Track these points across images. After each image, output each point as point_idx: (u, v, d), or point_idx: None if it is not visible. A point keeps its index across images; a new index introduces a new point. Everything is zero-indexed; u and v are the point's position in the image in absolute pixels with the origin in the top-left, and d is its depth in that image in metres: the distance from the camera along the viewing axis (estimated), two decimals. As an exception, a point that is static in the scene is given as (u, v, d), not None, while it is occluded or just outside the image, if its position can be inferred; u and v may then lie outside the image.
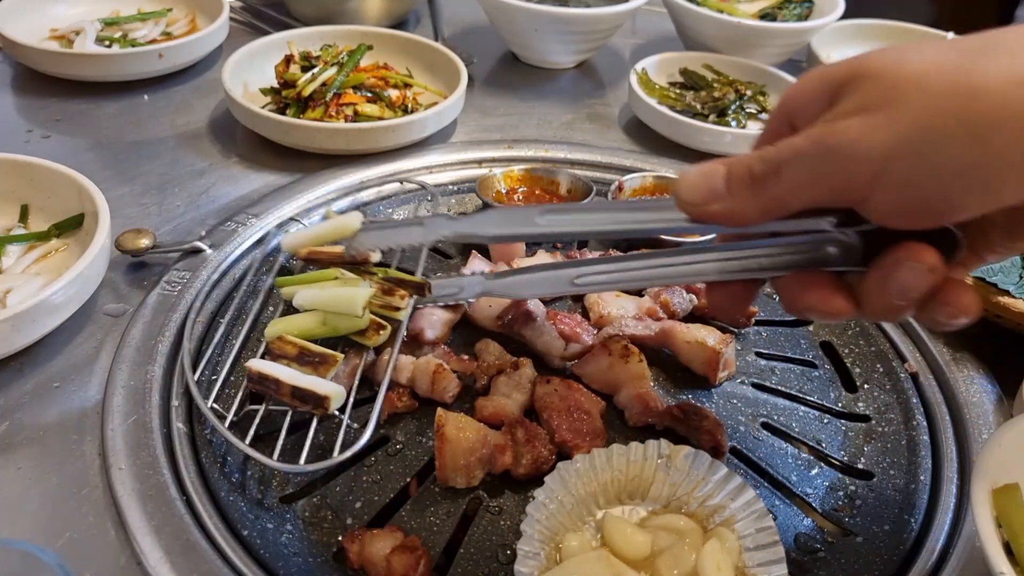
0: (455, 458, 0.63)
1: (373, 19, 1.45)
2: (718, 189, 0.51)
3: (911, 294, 0.49)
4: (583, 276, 0.59)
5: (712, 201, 0.51)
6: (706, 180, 0.51)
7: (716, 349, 0.75)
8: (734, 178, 0.51)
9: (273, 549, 0.61)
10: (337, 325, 0.72)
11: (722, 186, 0.51)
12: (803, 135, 0.48)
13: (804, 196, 0.49)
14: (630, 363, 0.71)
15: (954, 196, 0.45)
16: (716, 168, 0.52)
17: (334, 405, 0.67)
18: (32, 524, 0.62)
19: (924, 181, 0.44)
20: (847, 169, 0.46)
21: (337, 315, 0.72)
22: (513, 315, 0.77)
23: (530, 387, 0.71)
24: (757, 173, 0.49)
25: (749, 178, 0.50)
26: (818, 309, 0.53)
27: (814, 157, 0.47)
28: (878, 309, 0.51)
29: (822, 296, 0.52)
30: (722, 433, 0.68)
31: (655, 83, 1.24)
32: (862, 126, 0.45)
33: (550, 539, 0.58)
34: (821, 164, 0.47)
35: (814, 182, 0.47)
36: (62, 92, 1.18)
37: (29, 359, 0.75)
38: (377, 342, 0.72)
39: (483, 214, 0.60)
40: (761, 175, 0.49)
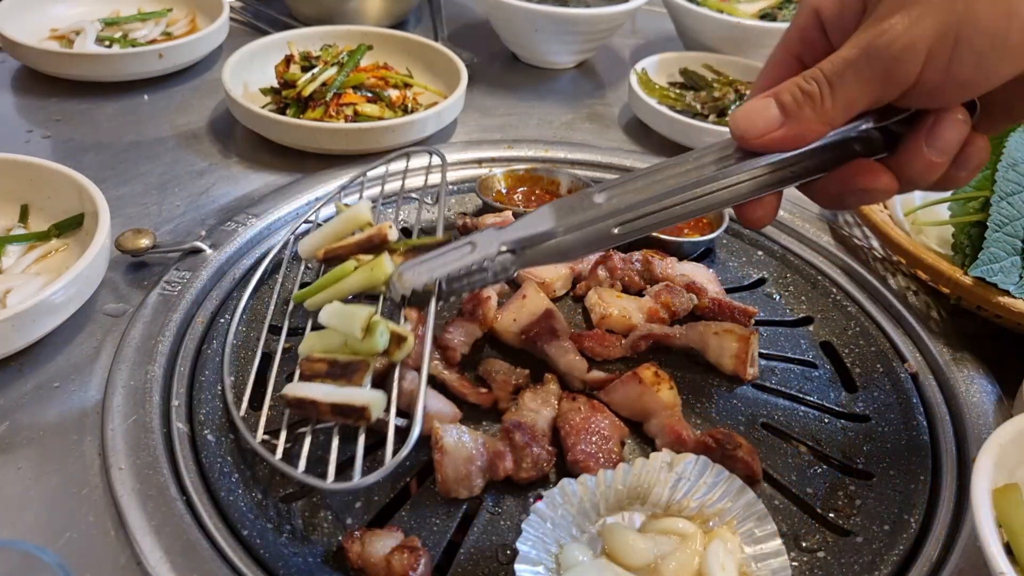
0: (456, 469, 0.63)
1: (373, 19, 1.45)
2: (774, 117, 0.56)
3: (950, 147, 0.57)
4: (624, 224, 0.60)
5: (772, 129, 0.57)
6: (760, 111, 0.57)
7: (747, 336, 0.75)
8: (789, 103, 0.56)
9: (273, 549, 0.61)
10: (357, 347, 0.68)
11: (777, 112, 0.56)
12: (849, 46, 0.54)
13: (863, 100, 0.55)
14: (660, 391, 0.70)
15: (989, 67, 0.52)
16: (765, 100, 0.57)
17: (375, 413, 0.63)
18: (32, 524, 0.62)
19: (965, 58, 0.52)
20: (898, 63, 0.52)
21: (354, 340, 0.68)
22: (538, 331, 0.75)
23: (556, 403, 0.70)
24: (812, 91, 0.55)
25: (806, 97, 0.55)
26: (869, 189, 0.59)
27: (867, 62, 0.53)
28: (918, 171, 0.59)
29: (870, 178, 0.59)
30: (757, 461, 0.67)
31: (655, 83, 1.24)
32: (904, 21, 0.51)
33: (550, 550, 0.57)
34: (874, 66, 0.53)
35: (870, 85, 0.54)
36: (62, 92, 1.18)
37: (29, 359, 0.75)
38: (401, 356, 0.68)
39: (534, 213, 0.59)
40: (817, 92, 0.55)
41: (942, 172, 0.59)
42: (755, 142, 0.58)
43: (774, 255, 0.96)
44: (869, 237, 0.99)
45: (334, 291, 0.74)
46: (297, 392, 0.65)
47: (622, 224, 0.61)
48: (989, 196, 0.84)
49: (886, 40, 0.52)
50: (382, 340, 0.66)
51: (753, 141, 0.58)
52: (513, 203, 0.96)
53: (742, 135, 0.58)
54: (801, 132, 0.57)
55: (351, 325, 0.67)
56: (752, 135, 0.57)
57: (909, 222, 0.95)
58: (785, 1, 1.45)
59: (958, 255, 0.86)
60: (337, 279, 0.74)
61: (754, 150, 0.58)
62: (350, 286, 0.73)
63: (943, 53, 0.52)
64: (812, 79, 0.55)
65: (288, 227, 0.92)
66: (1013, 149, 0.85)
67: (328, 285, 0.75)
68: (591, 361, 0.77)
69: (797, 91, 0.56)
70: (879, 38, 0.53)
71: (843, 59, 0.55)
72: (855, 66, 0.54)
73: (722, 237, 0.96)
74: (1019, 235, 0.83)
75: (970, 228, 0.86)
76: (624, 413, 0.72)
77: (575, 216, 0.60)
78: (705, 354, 0.78)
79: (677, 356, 0.79)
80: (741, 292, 0.90)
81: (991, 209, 0.83)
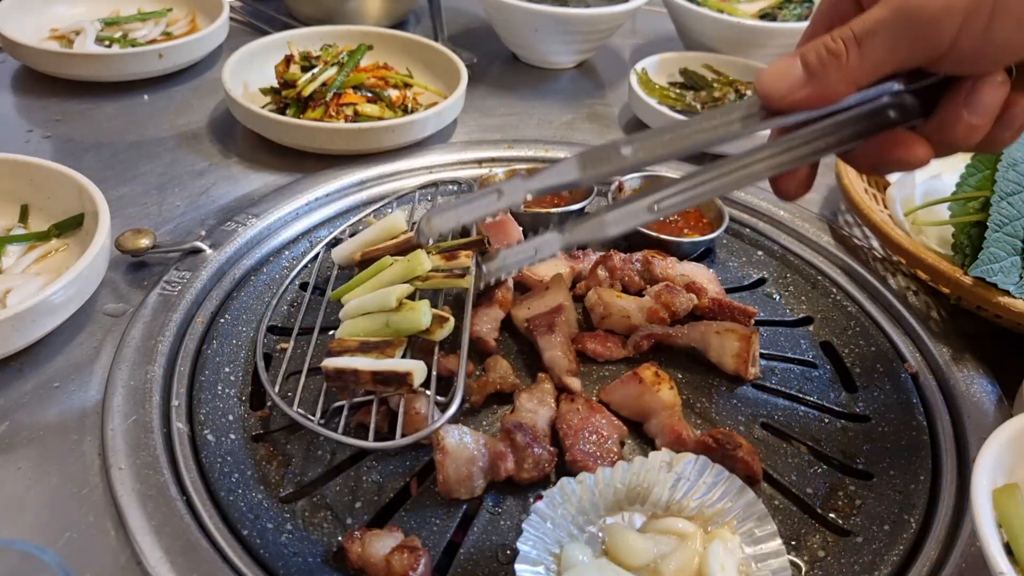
0: (457, 469, 0.63)
1: (373, 19, 1.45)
2: (799, 76, 0.55)
3: (990, 109, 0.56)
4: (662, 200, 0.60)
5: (797, 88, 0.55)
6: (785, 70, 0.56)
7: (748, 335, 0.75)
8: (813, 61, 0.55)
9: (273, 549, 0.61)
10: (399, 327, 0.70)
11: (802, 71, 0.55)
12: (881, 6, 0.53)
13: (890, 62, 0.54)
14: (661, 391, 0.70)
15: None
16: (790, 59, 0.56)
17: (418, 379, 0.66)
18: (32, 524, 0.62)
19: (1006, 22, 0.51)
20: (932, 27, 0.51)
21: (398, 317, 0.70)
22: (538, 322, 0.76)
23: (554, 402, 0.70)
24: (838, 50, 0.54)
25: (831, 56, 0.54)
26: (904, 159, 0.59)
27: (902, 22, 0.52)
28: (959, 135, 0.57)
29: (906, 149, 0.58)
30: (757, 461, 0.68)
31: (655, 83, 1.24)
32: None
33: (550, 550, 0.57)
34: (906, 28, 0.52)
35: (900, 46, 0.53)
36: (62, 92, 1.18)
37: (29, 359, 0.75)
38: (442, 335, 0.71)
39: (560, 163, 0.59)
40: (843, 50, 0.54)
41: (984, 134, 0.58)
42: (779, 103, 0.56)
43: (774, 255, 0.96)
44: (869, 237, 0.99)
45: (372, 283, 0.76)
46: (337, 364, 0.67)
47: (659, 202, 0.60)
48: (989, 196, 0.84)
49: (919, 3, 0.51)
50: (426, 318, 0.69)
51: (778, 101, 0.56)
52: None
53: (766, 94, 0.57)
54: (825, 91, 0.55)
55: (387, 300, 0.70)
56: (776, 95, 0.56)
57: (909, 222, 0.95)
58: (785, 1, 1.45)
59: (958, 255, 0.86)
60: (374, 274, 0.76)
61: (779, 110, 0.57)
62: (389, 278, 0.75)
63: (981, 18, 0.50)
64: (839, 37, 0.54)
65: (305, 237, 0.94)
66: (1013, 149, 0.85)
67: (366, 280, 0.77)
68: (593, 362, 0.78)
69: (823, 49, 0.55)
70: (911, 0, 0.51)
71: (874, 18, 0.53)
72: (886, 26, 0.52)
73: (722, 237, 0.96)
74: (1019, 235, 0.83)
75: (970, 228, 0.86)
76: (624, 413, 0.72)
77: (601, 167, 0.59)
78: (707, 353, 0.78)
79: (678, 356, 0.79)
80: (741, 292, 0.90)
81: (991, 209, 0.83)
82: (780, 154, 0.59)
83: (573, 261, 0.87)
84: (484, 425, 0.71)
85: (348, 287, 0.78)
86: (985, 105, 0.56)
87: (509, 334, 0.80)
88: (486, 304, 0.79)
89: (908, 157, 0.59)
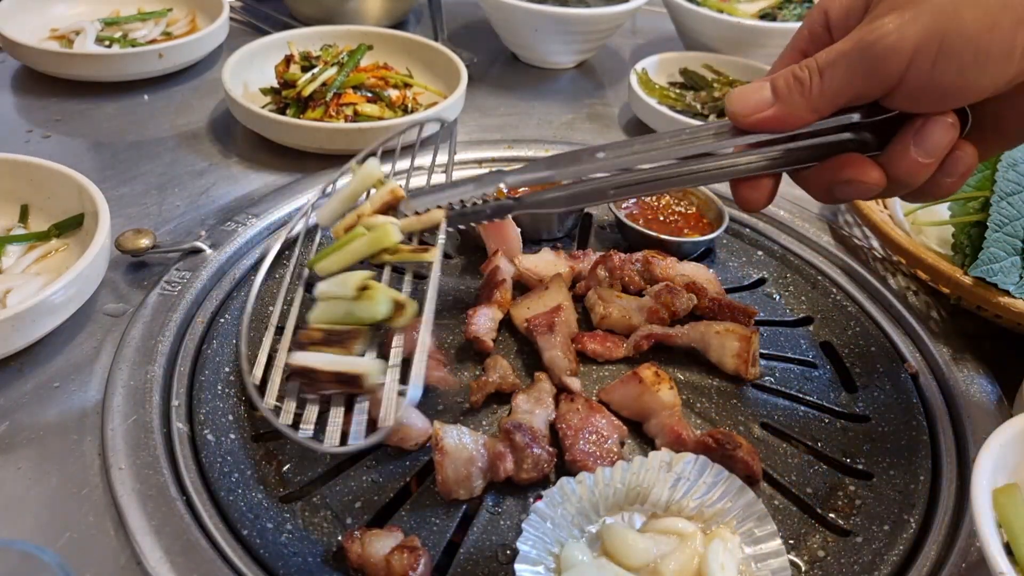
0: (456, 470, 0.63)
1: (373, 19, 1.45)
2: (766, 98, 0.60)
3: (937, 148, 0.59)
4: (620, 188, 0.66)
5: (763, 108, 0.60)
6: (754, 93, 0.61)
7: (748, 335, 0.75)
8: (781, 86, 0.60)
9: (273, 549, 0.61)
10: (360, 316, 0.70)
11: (770, 95, 0.60)
12: (844, 40, 0.57)
13: (848, 91, 0.58)
14: (660, 391, 0.70)
15: (970, 76, 0.54)
16: (760, 83, 0.61)
17: (371, 380, 0.65)
18: (32, 524, 0.62)
19: (948, 63, 0.54)
20: (884, 60, 0.55)
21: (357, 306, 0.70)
22: (538, 322, 0.76)
23: (552, 402, 0.70)
24: (803, 77, 0.58)
25: (796, 83, 0.59)
26: (856, 180, 0.61)
27: (857, 54, 0.56)
28: (904, 170, 0.60)
29: (858, 169, 0.61)
30: (757, 461, 0.68)
31: (655, 83, 1.24)
32: (896, 20, 0.54)
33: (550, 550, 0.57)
34: (861, 60, 0.56)
35: (856, 77, 0.57)
36: (62, 92, 1.19)
37: (29, 359, 0.75)
38: (403, 322, 0.69)
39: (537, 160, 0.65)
40: (807, 78, 0.58)
41: (928, 175, 0.61)
42: (745, 120, 0.61)
43: (774, 255, 0.96)
44: (869, 237, 0.99)
45: (343, 254, 0.75)
46: (300, 361, 0.67)
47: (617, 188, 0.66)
48: (989, 196, 0.84)
49: (875, 36, 0.55)
50: (383, 307, 0.68)
51: (743, 119, 0.61)
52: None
53: (734, 112, 0.61)
54: (789, 115, 0.60)
55: (345, 286, 0.70)
56: (743, 113, 0.61)
57: (909, 222, 0.95)
58: (785, 1, 1.45)
59: (958, 255, 0.86)
60: (346, 244, 0.75)
61: (745, 128, 0.62)
62: (358, 249, 0.74)
63: (927, 56, 0.54)
64: (805, 67, 0.59)
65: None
66: (1013, 149, 0.85)
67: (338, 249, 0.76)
68: (593, 362, 0.78)
69: (790, 76, 0.59)
70: (870, 34, 0.55)
71: (837, 50, 0.57)
72: (845, 57, 0.57)
73: (722, 237, 0.96)
74: (1019, 235, 0.83)
75: (970, 228, 0.86)
76: (624, 413, 0.72)
77: (574, 167, 0.65)
78: (707, 353, 0.78)
79: (678, 356, 0.79)
80: (741, 292, 0.90)
81: (991, 209, 0.83)
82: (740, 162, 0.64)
83: (573, 261, 0.87)
84: (484, 425, 0.71)
85: (322, 255, 0.76)
86: (932, 143, 0.59)
87: (509, 334, 0.80)
88: (485, 304, 0.79)
89: (860, 177, 0.61)
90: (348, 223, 0.78)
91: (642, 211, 0.96)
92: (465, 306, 0.81)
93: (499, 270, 0.83)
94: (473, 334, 0.76)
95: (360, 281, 0.70)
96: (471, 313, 0.78)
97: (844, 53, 0.57)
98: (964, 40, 0.53)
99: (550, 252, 0.88)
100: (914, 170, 0.60)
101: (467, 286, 0.87)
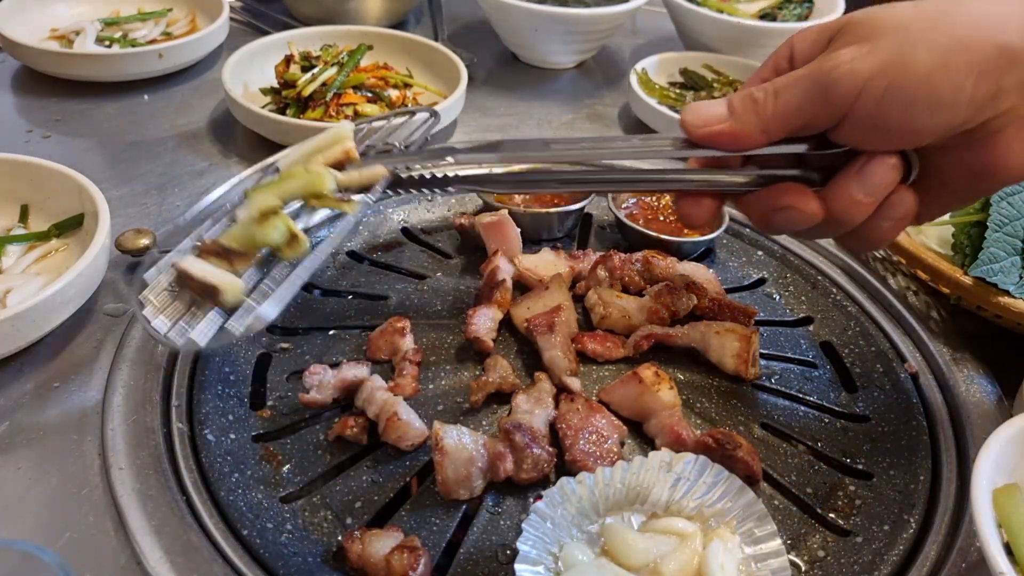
0: (456, 470, 0.63)
1: (373, 19, 1.45)
2: (721, 113, 0.61)
3: (877, 188, 0.60)
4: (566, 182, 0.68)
5: (716, 123, 0.61)
6: (711, 106, 0.62)
7: (748, 335, 0.75)
8: (736, 104, 0.61)
9: (273, 549, 0.61)
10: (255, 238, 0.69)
11: (724, 110, 0.61)
12: (803, 67, 0.59)
13: (799, 115, 0.59)
14: (660, 391, 0.70)
15: (918, 115, 0.55)
16: (719, 100, 0.62)
17: (229, 297, 0.65)
18: (32, 524, 0.62)
19: (896, 100, 0.55)
20: (835, 87, 0.56)
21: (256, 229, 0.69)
22: (538, 322, 0.76)
23: (552, 402, 0.70)
24: (758, 98, 0.60)
25: (751, 101, 0.60)
26: (795, 207, 0.62)
27: (811, 80, 0.57)
28: (843, 206, 0.61)
29: (797, 197, 0.62)
30: (757, 461, 0.68)
31: (655, 83, 1.24)
32: (851, 53, 0.56)
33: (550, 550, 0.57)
34: (816, 85, 0.57)
35: (808, 103, 0.58)
36: (62, 92, 1.19)
37: (29, 359, 0.75)
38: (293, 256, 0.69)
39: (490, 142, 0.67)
40: (762, 99, 0.59)
41: (866, 214, 0.61)
42: (697, 132, 0.62)
43: (774, 255, 0.96)
44: (869, 237, 0.99)
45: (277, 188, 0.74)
46: (181, 263, 0.67)
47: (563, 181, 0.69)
48: (989, 196, 0.84)
49: (831, 65, 0.56)
50: (276, 234, 0.68)
51: (695, 131, 0.62)
52: (514, 203, 0.96)
53: (687, 123, 0.62)
54: (740, 132, 0.60)
55: (249, 209, 0.70)
56: (696, 124, 0.61)
57: (909, 222, 0.95)
58: (785, 1, 1.45)
59: (958, 255, 0.86)
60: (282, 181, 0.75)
61: (697, 141, 0.62)
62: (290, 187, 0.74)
63: (877, 89, 0.55)
64: (762, 88, 0.60)
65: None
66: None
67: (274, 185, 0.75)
68: (593, 362, 0.78)
69: (747, 95, 0.60)
70: (826, 62, 0.57)
71: (793, 76, 0.59)
72: (800, 82, 0.58)
73: (722, 237, 0.96)
74: (1019, 235, 0.83)
75: (970, 228, 0.86)
76: (624, 413, 0.72)
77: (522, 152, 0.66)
78: (707, 353, 0.78)
79: (677, 356, 0.79)
80: (741, 292, 0.90)
81: (991, 209, 0.83)
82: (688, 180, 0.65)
83: (573, 261, 0.87)
84: (484, 425, 0.71)
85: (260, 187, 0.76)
86: (874, 181, 0.59)
87: (509, 334, 0.80)
88: (485, 304, 0.79)
89: (799, 205, 0.61)
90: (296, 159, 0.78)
91: (642, 211, 0.96)
92: (465, 306, 0.82)
93: (499, 270, 0.83)
94: (473, 334, 0.76)
95: (265, 207, 0.70)
96: (471, 313, 0.78)
97: (800, 78, 0.58)
98: (914, 78, 0.54)
99: (550, 252, 0.88)
100: (852, 207, 0.61)
101: (467, 286, 0.87)
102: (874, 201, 0.60)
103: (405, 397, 0.70)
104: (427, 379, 0.75)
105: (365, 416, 0.69)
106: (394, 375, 0.74)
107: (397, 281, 0.87)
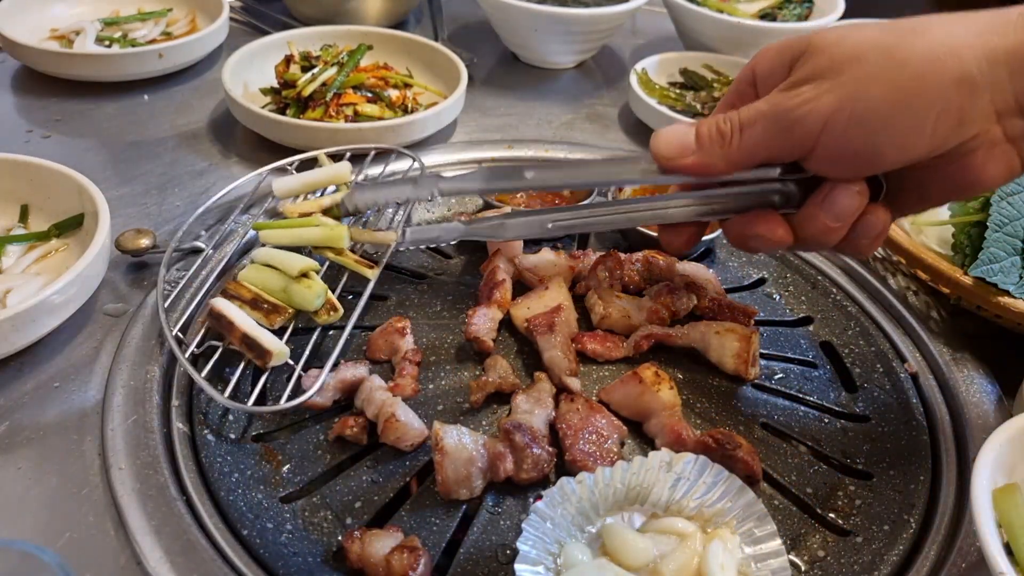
0: (456, 470, 0.63)
1: (373, 19, 1.45)
2: (689, 145, 0.62)
3: (844, 214, 0.61)
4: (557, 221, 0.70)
5: (685, 155, 0.62)
6: (679, 137, 0.63)
7: (748, 335, 0.76)
8: (704, 136, 0.62)
9: (273, 549, 0.61)
10: (292, 296, 0.74)
11: (693, 143, 0.62)
12: (764, 100, 0.60)
13: (764, 150, 0.60)
14: (660, 391, 0.70)
15: (880, 147, 0.56)
16: (686, 128, 0.63)
17: (274, 362, 0.70)
18: (32, 524, 0.62)
19: (859, 135, 0.56)
20: (799, 125, 0.57)
21: (295, 288, 0.74)
22: (538, 322, 0.76)
23: (552, 402, 0.70)
24: (725, 131, 0.61)
25: (718, 135, 0.61)
26: (765, 236, 0.64)
27: (774, 117, 0.58)
28: (813, 232, 0.63)
29: (768, 226, 0.64)
30: (757, 461, 0.67)
31: (655, 83, 1.24)
32: (812, 91, 0.57)
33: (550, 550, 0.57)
34: (779, 123, 0.58)
35: (772, 139, 0.59)
36: (62, 92, 1.18)
37: (29, 359, 0.75)
38: (327, 321, 0.74)
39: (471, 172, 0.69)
40: (728, 133, 0.60)
41: (839, 237, 0.63)
42: (667, 163, 0.63)
43: (774, 255, 0.96)
44: (869, 237, 0.99)
45: (292, 234, 0.78)
46: (222, 307, 0.71)
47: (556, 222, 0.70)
48: (989, 196, 0.84)
49: (792, 104, 0.57)
50: (318, 301, 0.73)
51: (666, 162, 0.63)
52: (515, 202, 0.96)
53: (658, 153, 0.63)
54: (708, 165, 0.62)
55: (290, 266, 0.74)
56: (666, 156, 0.63)
57: (909, 222, 0.95)
58: (785, 1, 1.45)
59: (958, 255, 0.86)
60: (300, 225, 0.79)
61: (666, 171, 0.64)
62: (309, 236, 0.78)
63: (838, 126, 0.56)
64: (728, 120, 0.61)
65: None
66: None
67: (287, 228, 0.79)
68: (593, 362, 0.78)
69: (714, 127, 0.61)
70: (789, 100, 0.58)
71: (756, 110, 0.60)
72: (764, 119, 0.59)
73: (722, 237, 0.96)
74: (1019, 235, 0.83)
75: (970, 228, 0.86)
76: (624, 413, 0.72)
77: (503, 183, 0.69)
78: (707, 354, 0.78)
79: (678, 356, 0.79)
80: (741, 292, 0.90)
81: (991, 209, 0.83)
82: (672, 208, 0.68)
83: (573, 261, 0.87)
84: (484, 425, 0.71)
85: (272, 224, 0.80)
86: (839, 209, 0.61)
87: (509, 334, 0.80)
88: (485, 304, 0.79)
89: (768, 234, 0.64)
90: (305, 209, 0.82)
91: (642, 211, 0.96)
92: (465, 306, 0.82)
93: (499, 270, 0.83)
94: (473, 334, 0.76)
95: (305, 267, 0.75)
96: (471, 313, 0.78)
97: (763, 114, 0.59)
98: (874, 117, 0.55)
99: (550, 252, 0.88)
100: (823, 232, 0.62)
101: (467, 286, 0.87)
102: (843, 225, 0.62)
103: (405, 397, 0.70)
104: (427, 379, 0.75)
105: (365, 416, 0.69)
106: (394, 375, 0.74)
107: (397, 281, 0.87)
